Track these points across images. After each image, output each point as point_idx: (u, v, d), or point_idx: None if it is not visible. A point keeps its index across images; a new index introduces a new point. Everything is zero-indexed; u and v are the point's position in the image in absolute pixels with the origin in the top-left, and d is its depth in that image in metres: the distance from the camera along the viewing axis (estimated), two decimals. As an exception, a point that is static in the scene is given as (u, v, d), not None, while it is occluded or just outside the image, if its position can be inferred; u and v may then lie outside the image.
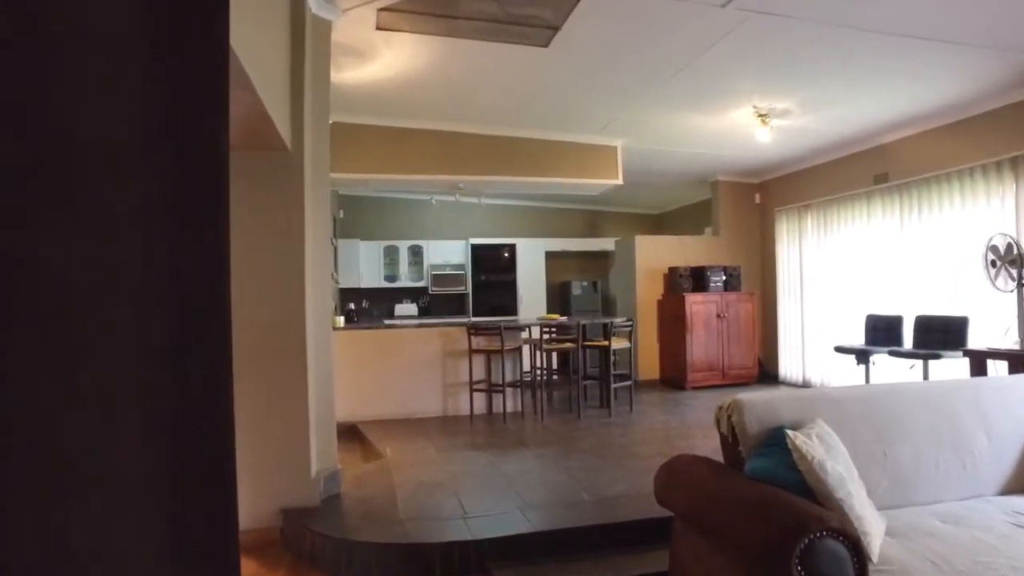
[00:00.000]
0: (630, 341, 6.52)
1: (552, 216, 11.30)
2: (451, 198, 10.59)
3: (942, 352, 5.22)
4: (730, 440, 2.82)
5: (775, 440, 2.55)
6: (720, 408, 2.91)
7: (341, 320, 6.51)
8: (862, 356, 6.09)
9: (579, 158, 6.88)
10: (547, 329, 6.51)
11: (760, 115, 5.86)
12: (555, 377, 7.38)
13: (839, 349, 6.36)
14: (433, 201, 7.99)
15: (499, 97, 5.73)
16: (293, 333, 3.65)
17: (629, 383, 6.54)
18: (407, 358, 6.43)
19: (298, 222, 3.69)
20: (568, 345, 6.36)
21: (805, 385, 7.76)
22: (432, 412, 6.45)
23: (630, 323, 6.48)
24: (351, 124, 6.24)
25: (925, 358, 5.37)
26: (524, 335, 6.83)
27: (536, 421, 6.12)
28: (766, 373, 8.29)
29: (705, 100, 5.64)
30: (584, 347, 6.41)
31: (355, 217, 10.46)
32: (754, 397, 2.83)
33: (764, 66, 4.89)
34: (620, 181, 7.02)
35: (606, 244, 10.86)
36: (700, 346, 7.81)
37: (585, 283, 10.71)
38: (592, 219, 11.55)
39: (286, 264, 3.67)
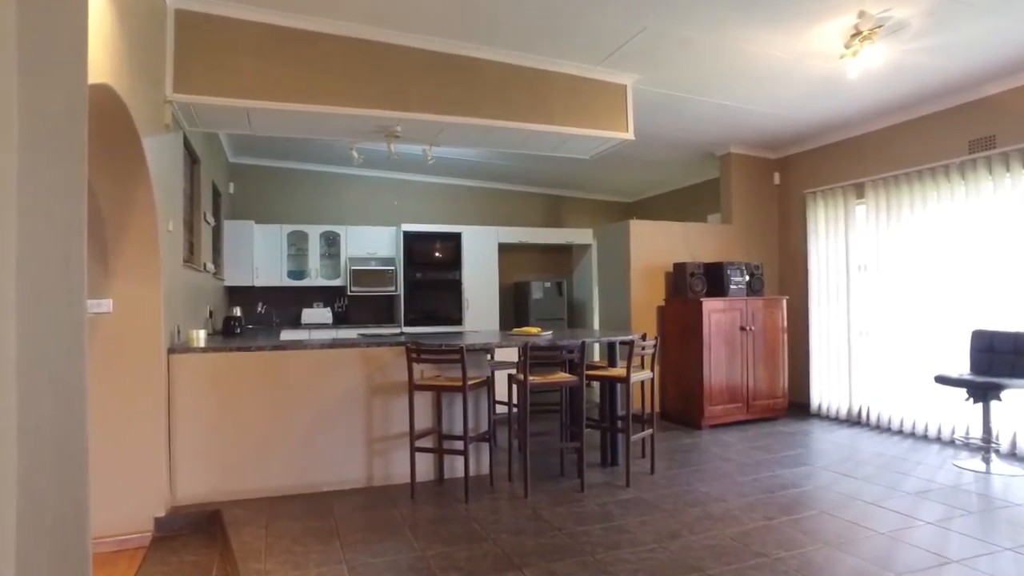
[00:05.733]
0: (652, 369, 4.40)
1: (505, 200, 9.11)
2: (378, 173, 8.21)
3: None
4: None
5: None
6: None
7: (201, 336, 4.05)
8: (986, 391, 4.22)
9: (573, 98, 4.70)
10: (523, 351, 4.27)
11: (861, 33, 3.87)
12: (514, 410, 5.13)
13: (943, 380, 4.48)
14: (355, 155, 5.54)
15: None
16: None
17: (650, 432, 4.41)
18: (311, 396, 4.05)
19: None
20: (562, 377, 4.15)
21: (853, 420, 5.90)
22: (350, 482, 4.10)
23: (653, 342, 4.35)
24: (218, 17, 3.82)
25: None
26: (489, 358, 4.60)
27: (516, 498, 3.88)
28: (792, 402, 6.38)
29: (787, 1, 3.60)
30: (589, 380, 4.24)
31: (249, 192, 7.91)
32: None
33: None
34: (630, 135, 4.89)
35: (572, 236, 8.77)
36: (720, 368, 5.81)
37: (548, 284, 8.56)
38: (553, 205, 9.44)
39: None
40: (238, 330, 5.56)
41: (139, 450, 3.49)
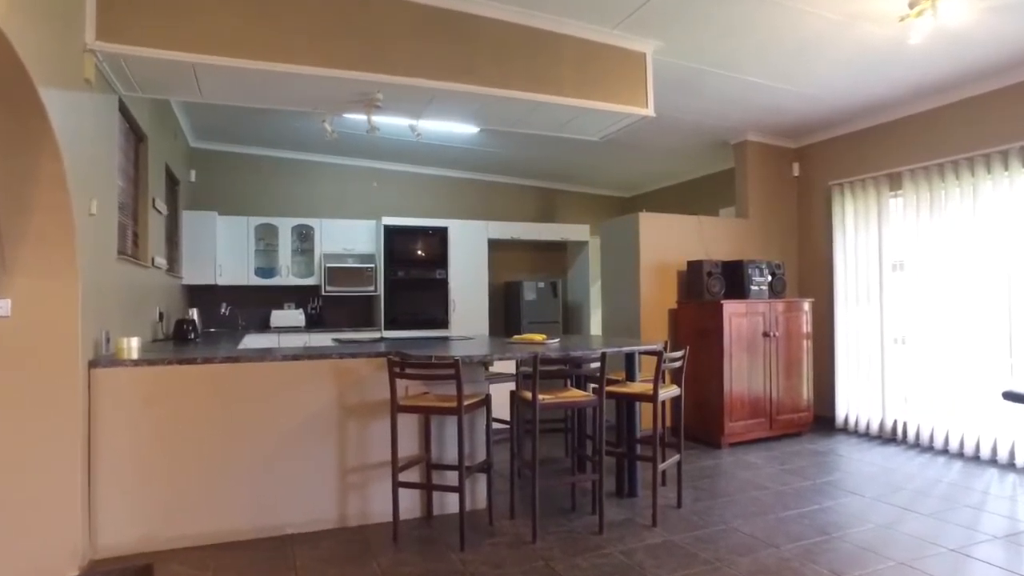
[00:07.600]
0: (680, 383, 3.73)
1: (495, 192, 8.43)
2: (356, 162, 7.47)
3: None
4: None
5: None
6: None
7: (134, 345, 3.31)
8: (1067, 411, 3.63)
9: (585, 66, 4.03)
10: (526, 364, 3.55)
11: (934, -17, 3.25)
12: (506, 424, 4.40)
13: (1014, 397, 3.87)
14: (328, 127, 4.77)
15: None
16: None
17: (677, 458, 3.75)
18: (272, 418, 3.32)
19: None
20: (578, 395, 3.48)
21: (887, 437, 5.29)
22: (319, 522, 3.38)
23: (681, 354, 3.69)
24: (155, -53, 3.07)
25: None
26: (490, 372, 3.90)
27: (522, 544, 3.19)
28: (815, 416, 5.76)
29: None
30: (610, 398, 3.56)
31: (212, 180, 7.13)
32: None
33: None
34: (650, 111, 4.23)
35: (567, 232, 8.12)
36: (741, 379, 5.17)
37: (541, 284, 7.88)
38: (546, 199, 8.77)
39: None
40: (192, 335, 4.79)
41: (46, 489, 2.74)
